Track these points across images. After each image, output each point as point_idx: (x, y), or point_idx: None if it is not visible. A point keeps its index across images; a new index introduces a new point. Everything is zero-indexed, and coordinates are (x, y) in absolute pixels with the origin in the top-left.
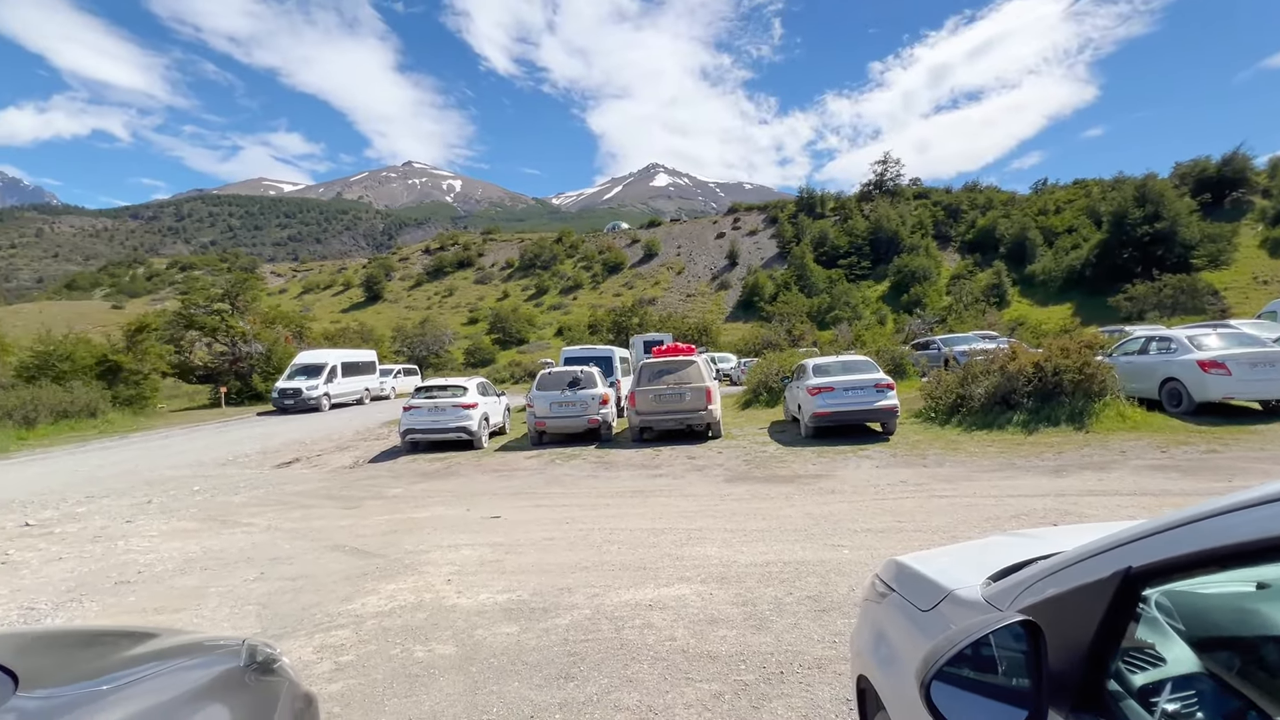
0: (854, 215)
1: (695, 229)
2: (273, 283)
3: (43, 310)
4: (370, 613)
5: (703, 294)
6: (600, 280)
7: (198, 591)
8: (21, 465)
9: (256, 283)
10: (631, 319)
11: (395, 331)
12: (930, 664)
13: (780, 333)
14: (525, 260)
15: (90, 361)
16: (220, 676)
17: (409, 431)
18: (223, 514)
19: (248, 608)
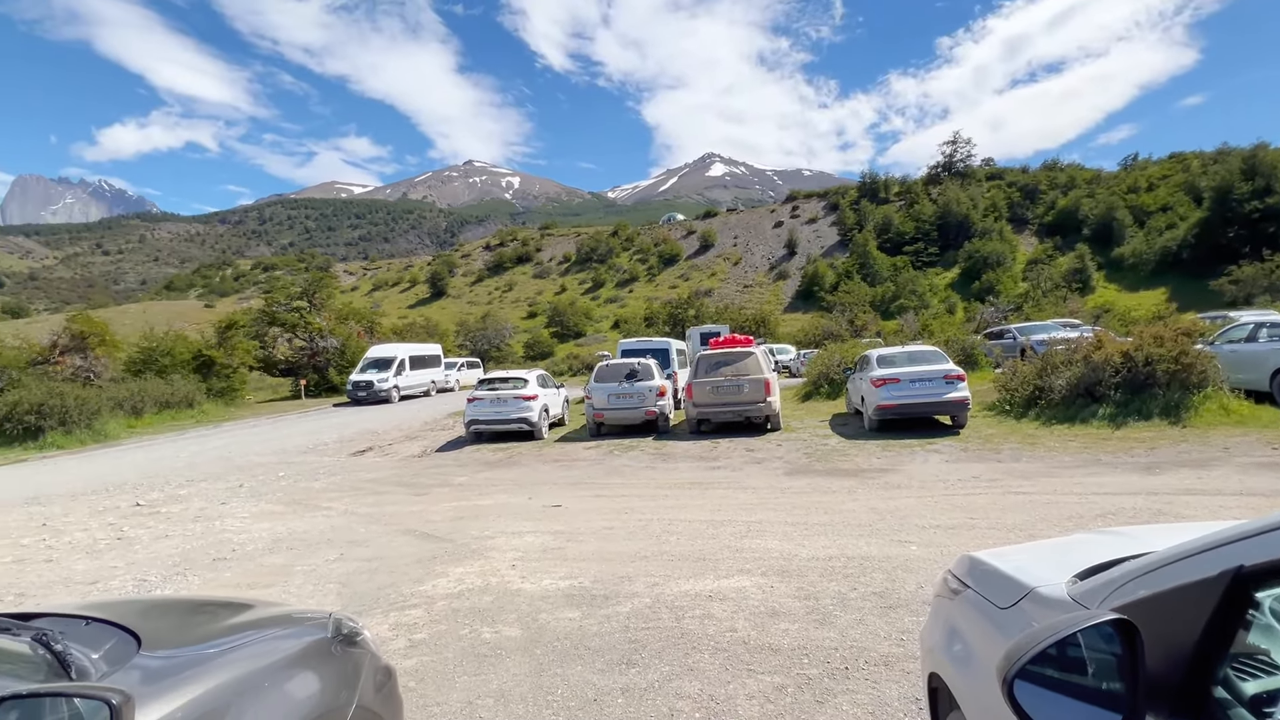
0: (920, 199)
1: (752, 218)
2: (345, 281)
3: (146, 310)
4: (440, 594)
5: (760, 284)
6: (656, 272)
7: (285, 569)
8: (131, 451)
9: (331, 281)
10: (687, 311)
11: (458, 326)
12: (1013, 661)
13: (841, 323)
14: (582, 254)
15: (187, 356)
16: (310, 646)
17: (473, 422)
18: (305, 498)
19: (329, 585)
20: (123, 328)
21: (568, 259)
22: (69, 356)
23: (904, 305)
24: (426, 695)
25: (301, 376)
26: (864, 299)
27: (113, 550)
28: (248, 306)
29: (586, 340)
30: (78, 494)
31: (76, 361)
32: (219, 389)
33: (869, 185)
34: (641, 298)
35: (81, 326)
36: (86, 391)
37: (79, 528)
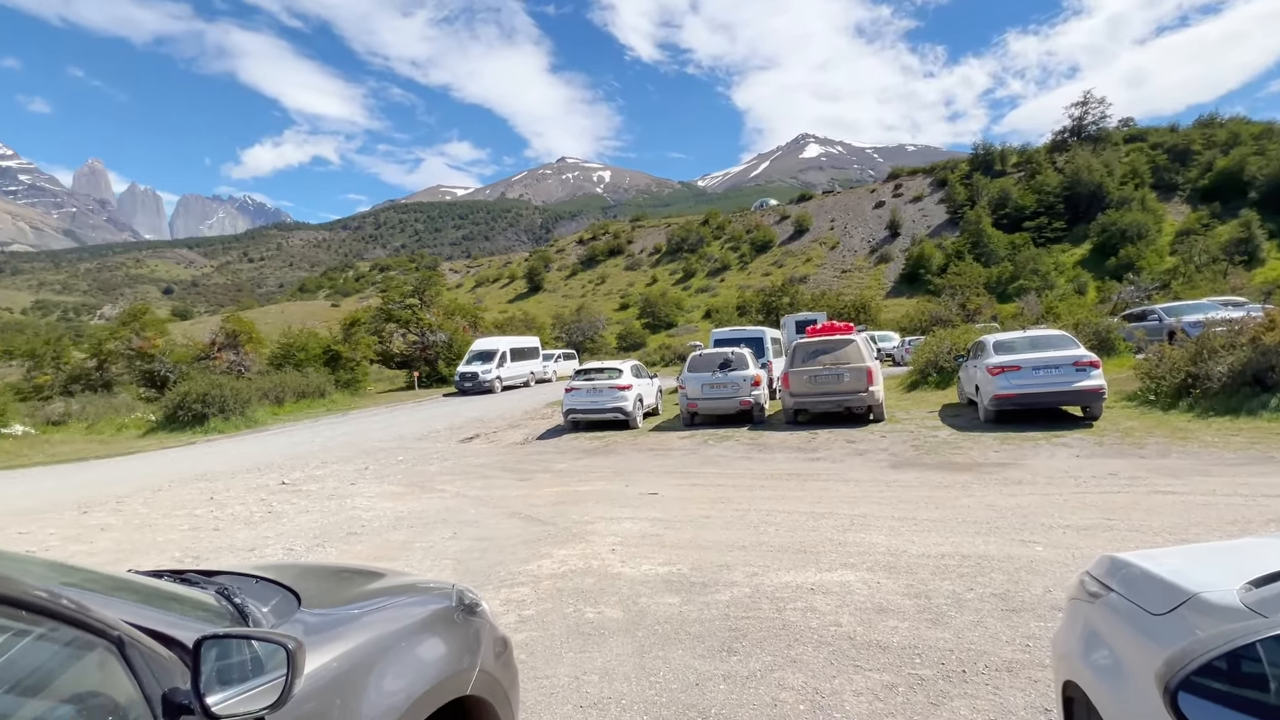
0: (1043, 169)
1: (850, 200)
2: (451, 279)
3: (284, 310)
4: (545, 574)
5: (860, 269)
6: (748, 260)
7: (406, 545)
8: (275, 436)
9: (439, 279)
10: (781, 298)
11: (554, 319)
12: (1176, 670)
13: (952, 307)
14: (672, 244)
15: (318, 351)
16: (436, 613)
17: (570, 411)
18: (422, 481)
19: (445, 561)
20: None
21: (658, 250)
22: (224, 353)
23: (1024, 286)
24: (536, 668)
25: (414, 368)
26: (977, 281)
27: (265, 522)
28: (367, 305)
29: (678, 330)
30: (235, 472)
31: (230, 357)
32: (345, 380)
33: (982, 157)
34: (733, 286)
35: (233, 326)
36: (239, 383)
37: (238, 501)
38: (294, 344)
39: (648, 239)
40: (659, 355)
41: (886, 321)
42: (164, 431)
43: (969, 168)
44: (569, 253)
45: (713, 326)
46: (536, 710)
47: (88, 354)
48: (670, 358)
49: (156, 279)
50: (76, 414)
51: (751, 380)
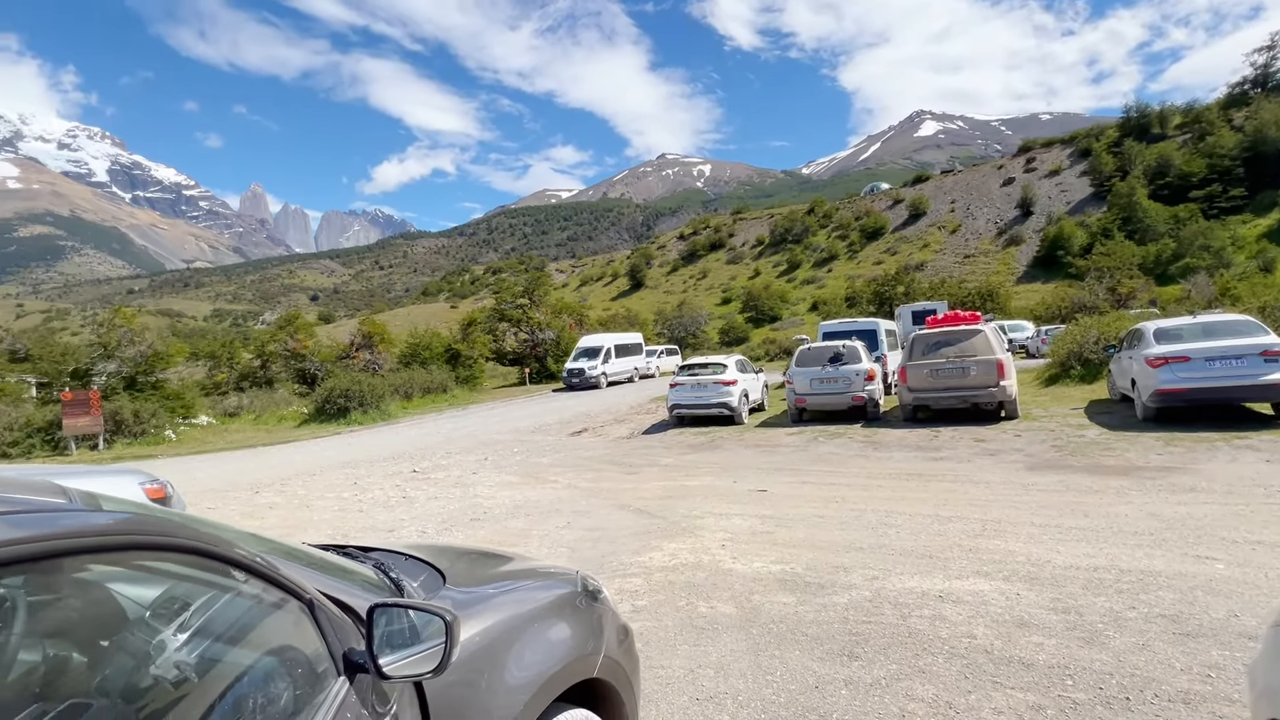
0: (1216, 129)
1: (974, 178)
2: (557, 279)
3: (410, 313)
4: (657, 566)
5: (985, 253)
6: (857, 249)
7: (524, 532)
8: (405, 428)
9: (546, 280)
10: (895, 288)
11: (656, 315)
12: None
13: (1098, 292)
14: (775, 236)
15: (440, 350)
16: (563, 598)
17: (675, 407)
18: (535, 472)
19: (560, 549)
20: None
21: (761, 242)
22: (361, 352)
23: (1191, 266)
24: (651, 658)
25: (525, 365)
26: (1129, 261)
27: (400, 506)
28: (482, 306)
29: (782, 324)
30: (374, 460)
31: (366, 356)
32: (464, 377)
33: (1136, 121)
34: (841, 277)
35: (368, 329)
36: (374, 380)
37: (377, 487)
38: (420, 343)
39: (749, 231)
40: (763, 350)
41: (1018, 310)
42: (315, 423)
43: (1118, 134)
44: (670, 249)
45: (820, 319)
46: (654, 699)
47: (253, 355)
48: (775, 352)
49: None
50: (246, 407)
51: (865, 375)
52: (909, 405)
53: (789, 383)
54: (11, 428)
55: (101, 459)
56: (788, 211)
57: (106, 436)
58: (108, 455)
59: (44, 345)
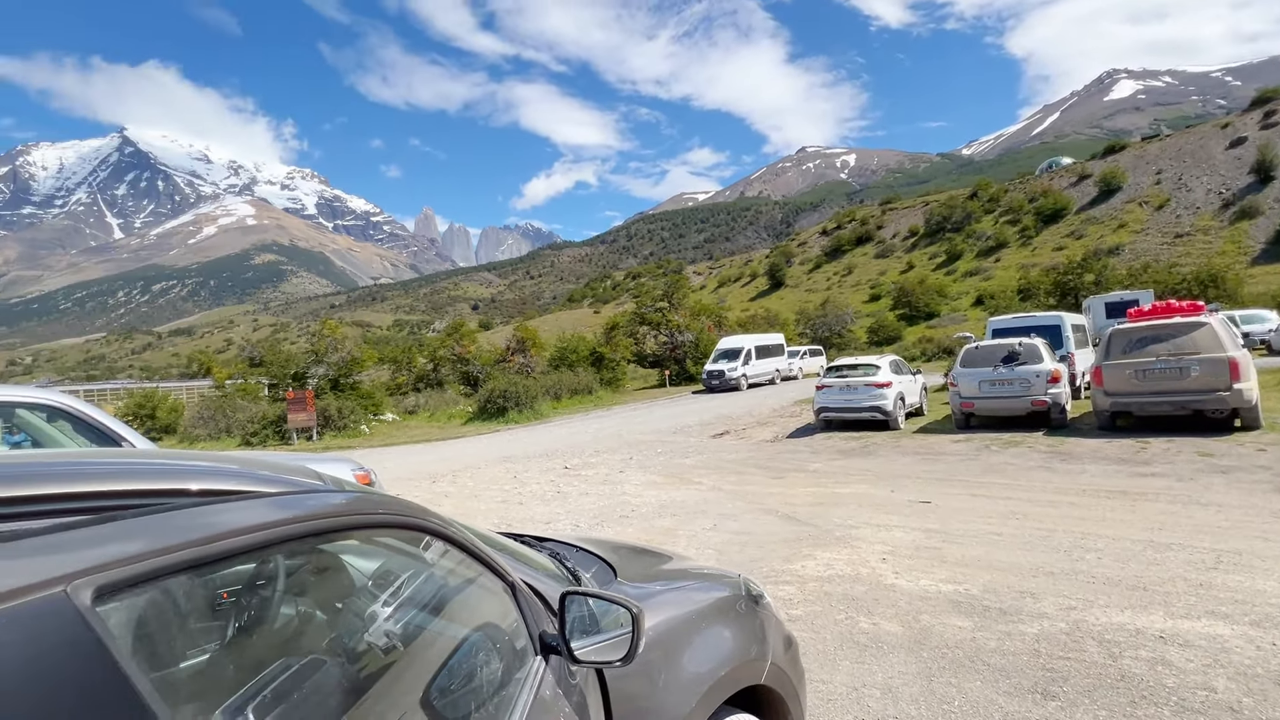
0: None
1: (1187, 142)
2: (694, 281)
3: (557, 319)
4: (810, 576)
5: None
6: (1032, 234)
7: (671, 532)
8: (556, 427)
9: (684, 283)
10: (1081, 277)
11: (798, 314)
12: None
13: None
14: (931, 225)
15: (585, 353)
16: (725, 600)
17: (823, 410)
18: (679, 473)
19: (708, 551)
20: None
21: (914, 233)
22: (516, 356)
23: None
24: (810, 671)
25: (665, 367)
26: None
27: (555, 500)
28: (623, 310)
29: (941, 321)
30: (530, 456)
31: (520, 359)
32: (608, 379)
33: None
34: (1012, 267)
35: (522, 334)
36: (528, 381)
37: (534, 481)
38: (567, 347)
39: (900, 222)
40: (918, 349)
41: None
42: (478, 420)
43: None
44: (811, 245)
45: (986, 315)
46: (817, 715)
47: (427, 359)
48: (932, 352)
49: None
50: (422, 405)
51: (1047, 376)
52: (1106, 411)
53: (953, 385)
54: (253, 421)
55: (316, 448)
56: (945, 198)
57: (317, 429)
58: (319, 445)
59: (272, 353)
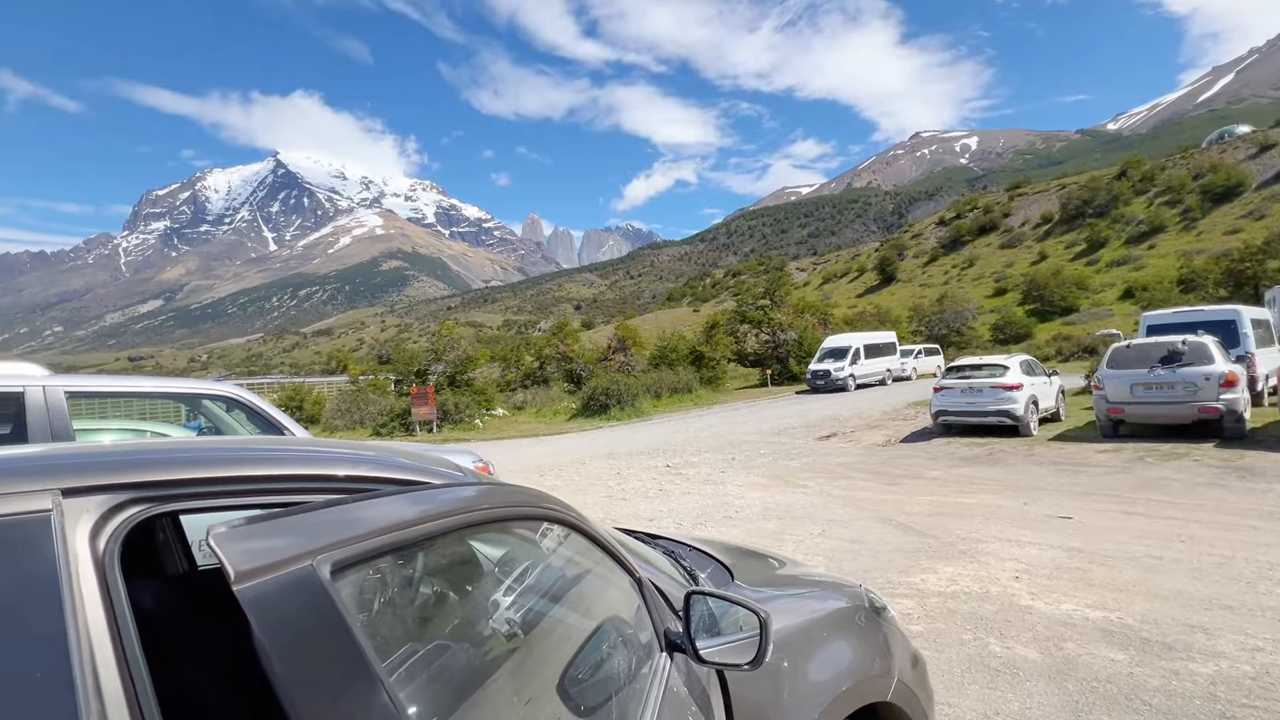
0: None
1: None
2: (797, 277)
3: (656, 318)
4: (932, 590)
5: None
6: (1196, 216)
7: (777, 535)
8: (656, 425)
9: (786, 279)
10: (1262, 264)
11: (911, 311)
12: None
13: None
14: (1069, 210)
15: (685, 352)
16: (844, 610)
17: (941, 413)
18: (784, 475)
19: (817, 558)
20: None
21: (1047, 219)
22: (617, 355)
23: None
24: (935, 692)
25: (767, 366)
26: None
27: (658, 498)
28: (723, 309)
29: (1079, 316)
30: (632, 454)
31: (621, 358)
32: (708, 378)
33: None
34: (1170, 254)
35: (623, 333)
36: (629, 380)
37: (636, 478)
38: (667, 346)
39: (1031, 207)
40: (1052, 348)
41: None
42: (581, 417)
43: None
44: (926, 236)
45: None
46: None
47: (533, 357)
48: (1070, 351)
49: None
50: (529, 402)
51: (1220, 378)
52: None
53: (1098, 388)
54: (382, 413)
55: (436, 440)
56: (1086, 179)
57: (437, 422)
58: (438, 437)
59: (398, 351)
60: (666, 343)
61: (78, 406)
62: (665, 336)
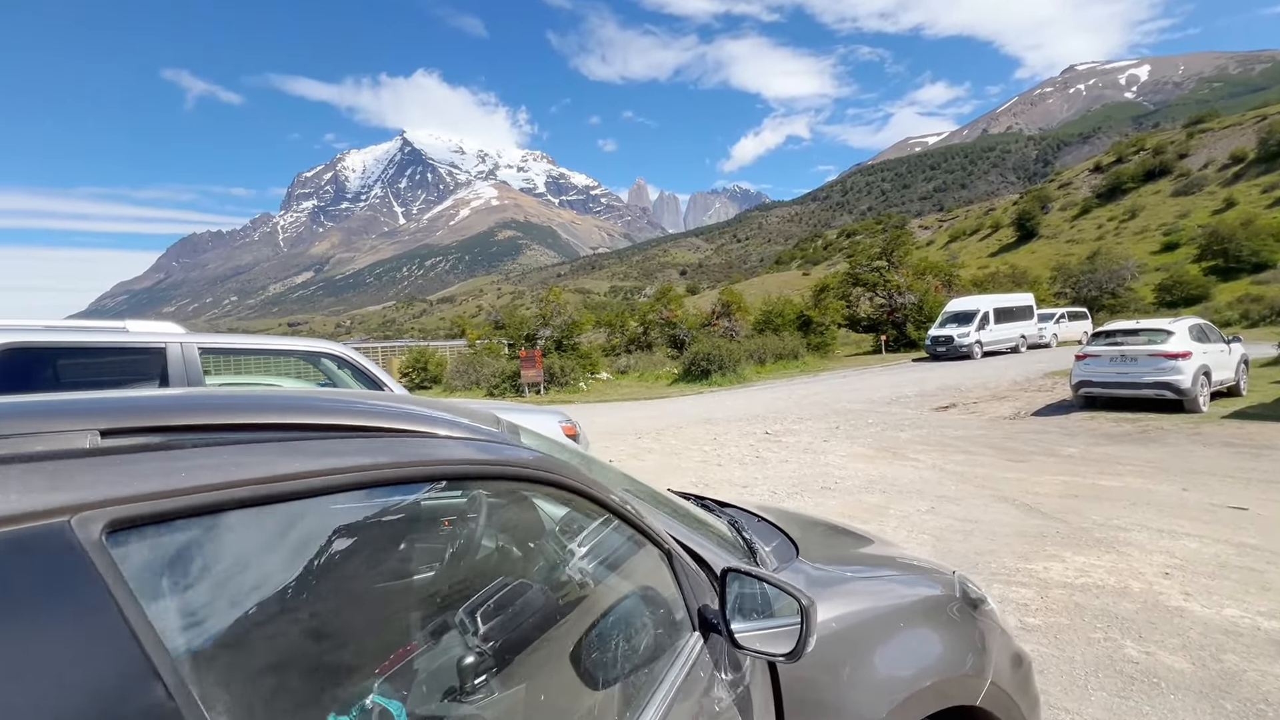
0: None
1: None
2: (920, 236)
3: (763, 282)
4: (1056, 580)
5: None
6: None
7: (879, 510)
8: (759, 391)
9: (907, 238)
10: None
11: (1055, 270)
12: None
13: None
14: (1269, 148)
15: (792, 317)
16: (934, 600)
17: (1084, 384)
18: (892, 447)
19: (923, 536)
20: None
21: (1238, 159)
22: (721, 320)
23: None
24: (1049, 693)
25: (881, 332)
26: None
27: (754, 465)
28: (835, 271)
29: (1275, 274)
30: (730, 419)
31: (725, 323)
32: (815, 344)
33: None
34: None
35: (727, 298)
36: (732, 345)
37: (733, 444)
38: (773, 311)
39: (1217, 146)
40: (1236, 311)
41: None
42: (683, 382)
43: None
44: (1078, 185)
45: None
46: None
47: (637, 323)
48: (1259, 314)
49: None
50: (632, 366)
51: None
52: None
53: None
54: (494, 375)
55: (540, 401)
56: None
57: (544, 384)
58: (544, 399)
59: (510, 317)
60: (772, 307)
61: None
62: (770, 301)
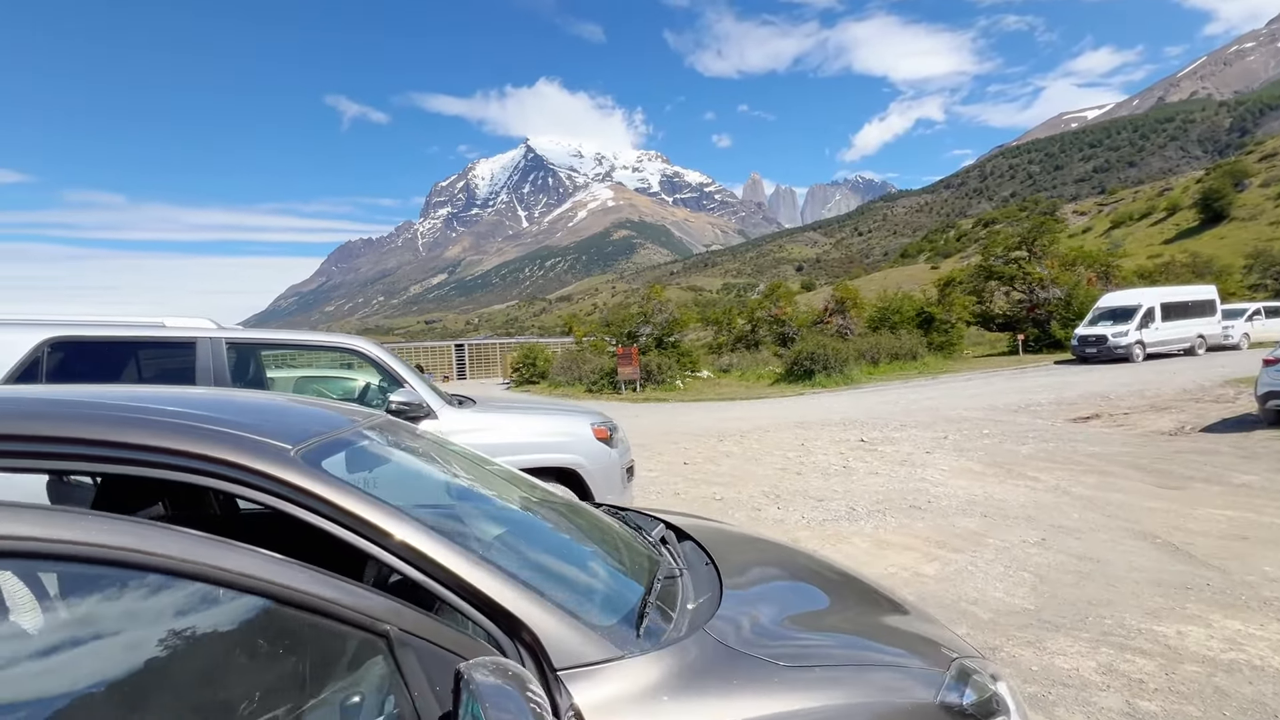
0: None
1: None
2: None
3: (886, 276)
4: (1192, 651)
5: None
6: None
7: (976, 537)
8: (866, 394)
9: (1055, 225)
10: None
11: (1250, 258)
12: None
13: None
14: None
15: (911, 314)
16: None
17: (1272, 395)
18: (1007, 462)
19: (1023, 574)
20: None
21: None
22: (834, 317)
23: None
24: None
25: (1019, 330)
26: None
27: (837, 475)
28: (967, 264)
29: None
30: (825, 424)
31: (838, 321)
32: (938, 343)
33: None
34: None
35: (841, 294)
36: (841, 344)
37: (821, 451)
38: (889, 307)
39: None
40: None
41: None
42: (784, 382)
43: None
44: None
45: None
46: None
47: (745, 320)
48: None
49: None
50: (735, 365)
51: None
52: None
53: None
54: (594, 372)
55: (633, 398)
56: None
57: (641, 382)
58: (640, 396)
59: (616, 315)
60: (889, 304)
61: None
62: (888, 297)
